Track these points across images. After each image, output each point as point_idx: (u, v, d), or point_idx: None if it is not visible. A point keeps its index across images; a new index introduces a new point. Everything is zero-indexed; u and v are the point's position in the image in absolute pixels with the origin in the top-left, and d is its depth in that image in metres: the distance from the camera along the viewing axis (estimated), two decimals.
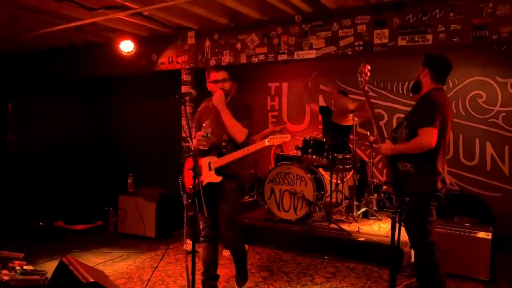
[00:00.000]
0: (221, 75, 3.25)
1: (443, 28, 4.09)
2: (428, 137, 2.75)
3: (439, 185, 2.83)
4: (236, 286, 3.44)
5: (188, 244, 4.55)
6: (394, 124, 5.79)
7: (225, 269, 4.03)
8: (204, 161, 3.17)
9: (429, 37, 4.17)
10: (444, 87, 3.03)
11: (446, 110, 2.85)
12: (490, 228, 3.72)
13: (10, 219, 5.14)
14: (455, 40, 4.04)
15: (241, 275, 3.45)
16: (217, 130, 3.22)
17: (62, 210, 5.56)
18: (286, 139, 3.05)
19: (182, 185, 3.32)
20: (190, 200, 3.13)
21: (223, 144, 3.19)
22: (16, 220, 5.20)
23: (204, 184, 3.02)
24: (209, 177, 3.14)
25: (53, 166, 6.28)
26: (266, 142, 3.01)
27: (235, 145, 3.15)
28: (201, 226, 3.32)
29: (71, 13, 4.69)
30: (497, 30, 3.86)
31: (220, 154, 3.16)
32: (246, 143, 3.14)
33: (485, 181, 5.18)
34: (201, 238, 3.31)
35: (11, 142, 6.24)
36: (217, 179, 3.12)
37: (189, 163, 3.26)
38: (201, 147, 3.15)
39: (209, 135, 3.11)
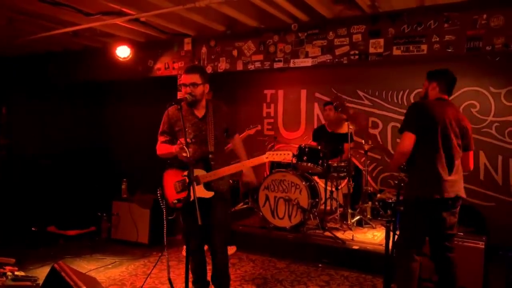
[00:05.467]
0: (190, 78, 2.99)
1: (438, 39, 4.14)
2: (403, 141, 2.83)
3: (432, 193, 2.83)
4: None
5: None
6: (389, 133, 5.83)
7: None
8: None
9: (424, 47, 4.22)
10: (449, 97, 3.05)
11: (436, 117, 2.83)
12: (483, 238, 3.74)
13: (1, 224, 5.08)
14: (449, 50, 4.09)
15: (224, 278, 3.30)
16: (200, 138, 3.05)
17: (55, 215, 5.50)
18: (288, 157, 2.83)
19: (161, 198, 3.10)
20: (174, 215, 3.05)
21: (211, 156, 3.01)
22: (8, 224, 5.14)
23: (192, 199, 2.64)
24: (198, 191, 2.84)
25: (46, 171, 6.23)
26: (265, 159, 2.84)
27: (222, 156, 3.05)
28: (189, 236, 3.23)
29: (67, 18, 4.70)
30: (490, 41, 3.92)
31: (207, 167, 2.97)
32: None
33: (478, 191, 5.21)
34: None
35: (3, 145, 6.18)
36: (208, 194, 2.92)
37: (169, 174, 3.10)
38: (184, 154, 2.79)
39: (192, 140, 2.92)
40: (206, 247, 3.39)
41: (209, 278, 3.37)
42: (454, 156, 2.91)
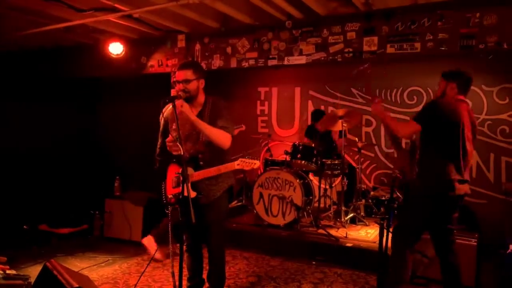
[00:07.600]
0: (182, 75, 2.92)
1: (431, 37, 4.16)
2: (407, 127, 2.97)
3: (448, 189, 2.89)
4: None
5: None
6: (382, 131, 5.83)
7: None
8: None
9: (417, 45, 4.23)
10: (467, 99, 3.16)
11: (457, 116, 2.92)
12: (476, 235, 3.77)
13: None
14: (443, 48, 4.11)
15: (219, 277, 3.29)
16: (194, 136, 3.02)
17: (47, 213, 5.45)
18: (255, 166, 2.86)
19: (164, 192, 3.12)
20: (171, 208, 3.03)
21: (200, 156, 2.98)
22: None
23: (181, 197, 2.72)
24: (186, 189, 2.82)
25: (38, 168, 6.16)
26: (236, 165, 2.87)
27: (213, 156, 2.97)
28: (184, 235, 3.18)
29: (59, 13, 4.65)
30: (483, 40, 3.94)
31: (197, 167, 2.96)
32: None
33: (470, 188, 5.23)
34: (184, 246, 3.23)
35: None
36: (192, 194, 2.82)
37: (172, 168, 3.11)
38: (174, 153, 2.91)
39: (178, 139, 2.80)
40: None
41: (205, 276, 3.35)
42: (469, 154, 3.01)
